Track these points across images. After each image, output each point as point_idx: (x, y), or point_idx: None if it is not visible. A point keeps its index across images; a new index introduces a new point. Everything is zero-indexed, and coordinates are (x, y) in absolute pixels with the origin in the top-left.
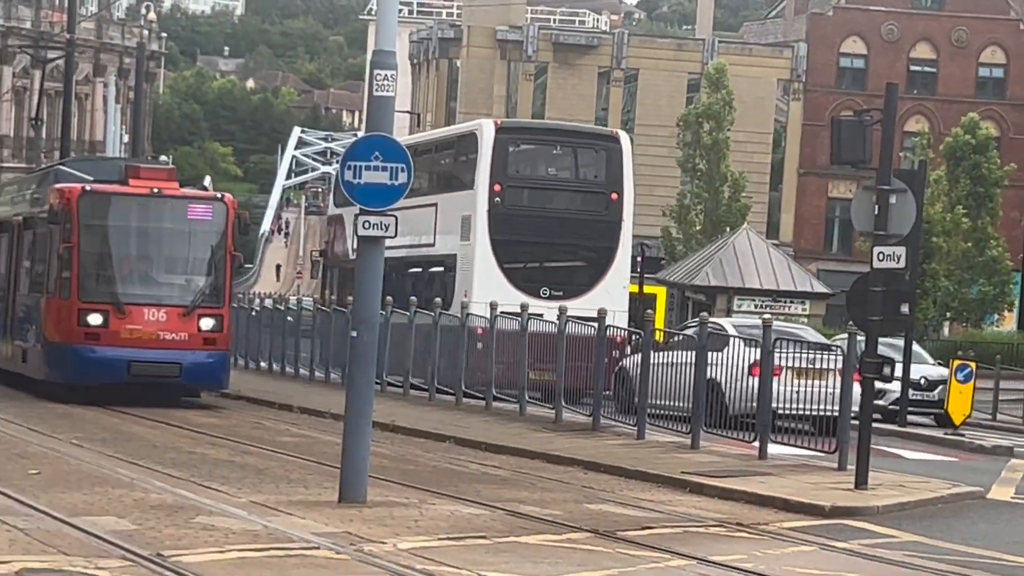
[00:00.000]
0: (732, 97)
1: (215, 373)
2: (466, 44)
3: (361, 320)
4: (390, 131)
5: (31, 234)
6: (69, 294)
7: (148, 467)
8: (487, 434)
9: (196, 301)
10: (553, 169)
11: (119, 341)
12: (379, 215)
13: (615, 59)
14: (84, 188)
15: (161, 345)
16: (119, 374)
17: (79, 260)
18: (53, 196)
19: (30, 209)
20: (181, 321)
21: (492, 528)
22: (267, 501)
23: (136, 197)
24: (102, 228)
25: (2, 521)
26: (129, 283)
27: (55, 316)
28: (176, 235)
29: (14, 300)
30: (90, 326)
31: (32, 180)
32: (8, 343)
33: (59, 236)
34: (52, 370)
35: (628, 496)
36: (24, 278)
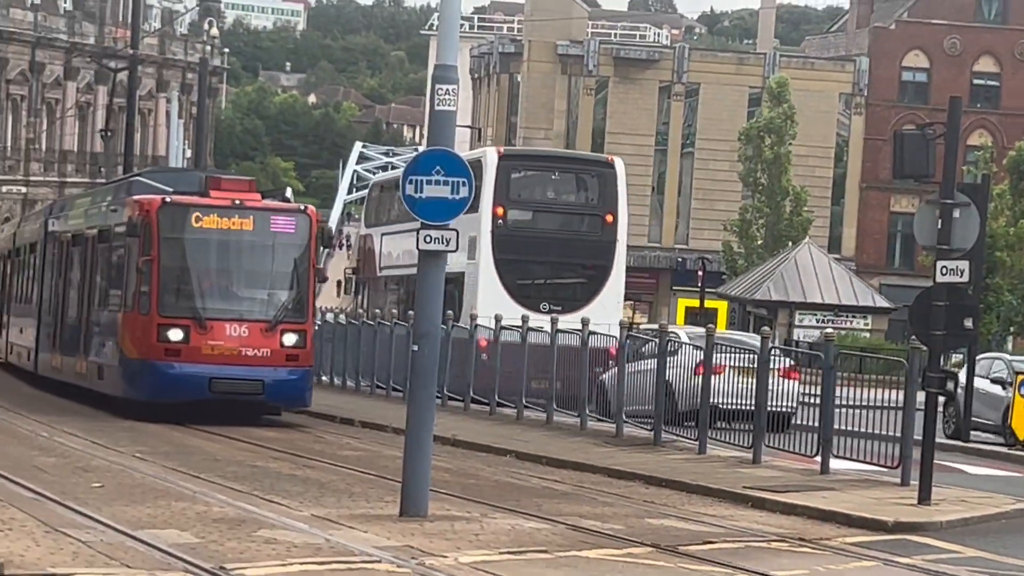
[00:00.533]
0: (794, 111)
1: (298, 390)
2: (527, 59)
3: (422, 334)
4: (451, 145)
5: (106, 247)
6: (148, 309)
7: (210, 480)
8: (548, 448)
9: (279, 316)
10: (552, 193)
11: (200, 357)
12: (440, 229)
13: (676, 73)
14: (164, 199)
15: (243, 361)
16: (200, 391)
17: (159, 274)
18: (132, 208)
19: (105, 222)
20: (263, 337)
21: (553, 542)
22: (329, 515)
23: (217, 208)
24: (182, 241)
25: (65, 534)
26: (210, 297)
27: (134, 331)
28: (258, 248)
29: (88, 315)
30: (170, 342)
31: (107, 192)
32: (82, 359)
33: (138, 249)
34: (130, 387)
35: (689, 511)
36: (99, 293)
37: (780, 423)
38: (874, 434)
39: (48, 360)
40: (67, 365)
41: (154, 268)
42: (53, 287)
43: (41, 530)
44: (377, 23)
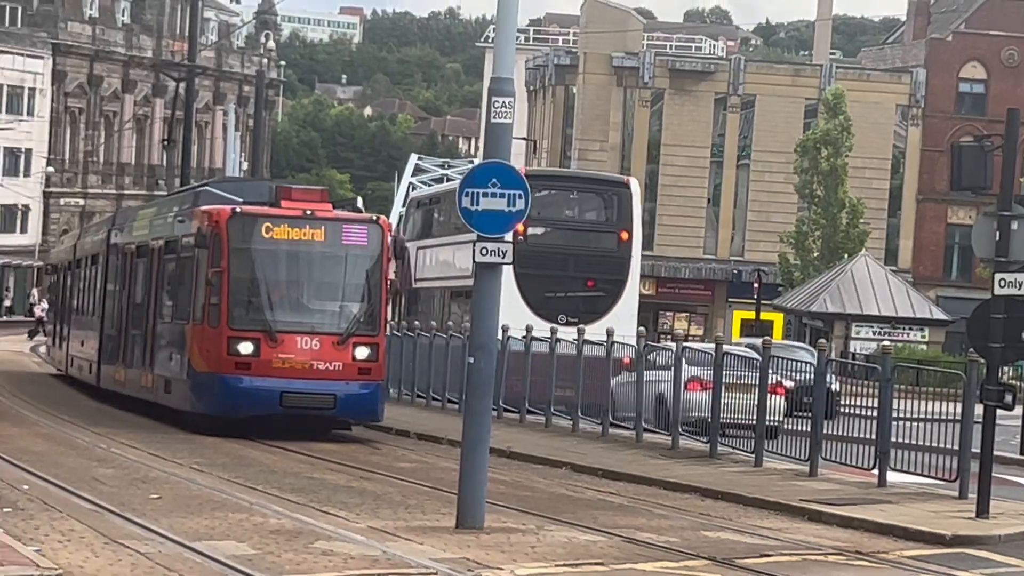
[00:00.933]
0: (850, 123)
1: (370, 405)
2: (582, 71)
3: (478, 347)
4: (507, 158)
5: (173, 258)
6: (218, 321)
7: (267, 492)
8: (604, 461)
9: (351, 329)
10: (570, 211)
11: (271, 371)
12: (496, 242)
13: (732, 85)
14: (234, 210)
15: (314, 375)
16: (271, 406)
17: (229, 286)
18: (200, 218)
19: (172, 232)
20: (335, 350)
21: (609, 555)
22: (385, 526)
23: (288, 219)
24: (253, 252)
25: (124, 545)
26: (281, 310)
27: (202, 344)
28: (330, 259)
29: (154, 328)
30: (240, 355)
31: (173, 202)
32: (148, 373)
33: (207, 261)
34: (199, 401)
35: (746, 524)
36: (166, 304)
37: (770, 434)
38: (932, 447)
39: (111, 373)
40: (132, 379)
41: (224, 280)
42: (116, 299)
43: (100, 541)
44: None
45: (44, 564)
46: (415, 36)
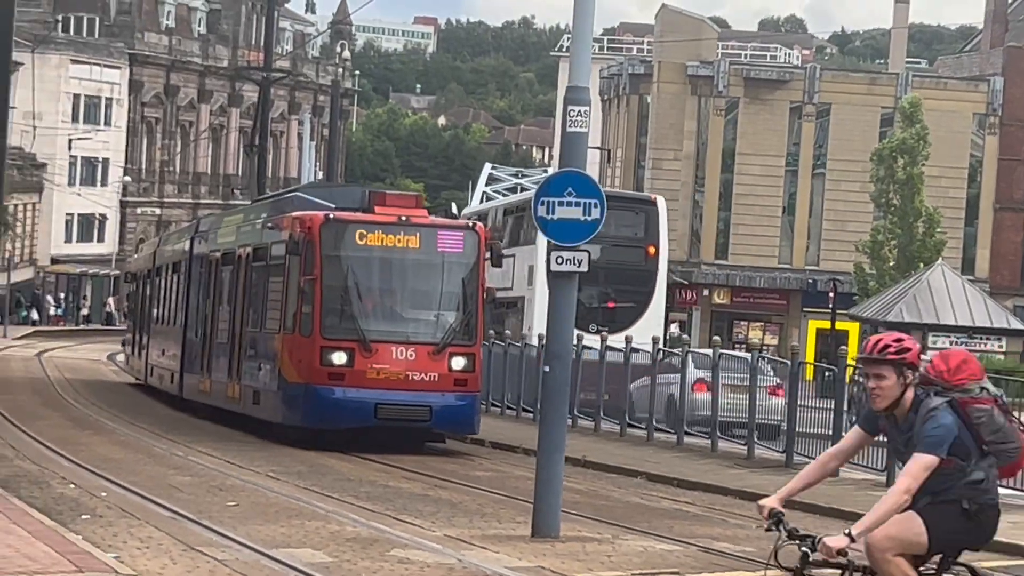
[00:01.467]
0: (927, 131)
1: (466, 417)
2: (656, 80)
3: (554, 356)
4: (583, 167)
5: (262, 266)
6: (310, 331)
7: (343, 500)
8: (679, 470)
9: (447, 339)
10: (602, 227)
11: (365, 382)
12: (572, 251)
13: (807, 94)
14: (327, 216)
15: (410, 386)
16: (365, 418)
17: (321, 294)
18: (292, 225)
19: (261, 239)
20: (431, 360)
21: (685, 564)
22: (461, 535)
23: (383, 225)
24: (346, 259)
25: (201, 552)
26: (375, 319)
27: (294, 354)
28: (425, 267)
29: (241, 337)
30: (334, 365)
31: (262, 209)
32: (235, 383)
33: (299, 268)
34: (290, 413)
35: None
36: (254, 313)
37: (772, 433)
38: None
39: (195, 384)
40: (217, 389)
41: (316, 288)
42: (200, 308)
43: (178, 548)
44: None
45: (123, 571)
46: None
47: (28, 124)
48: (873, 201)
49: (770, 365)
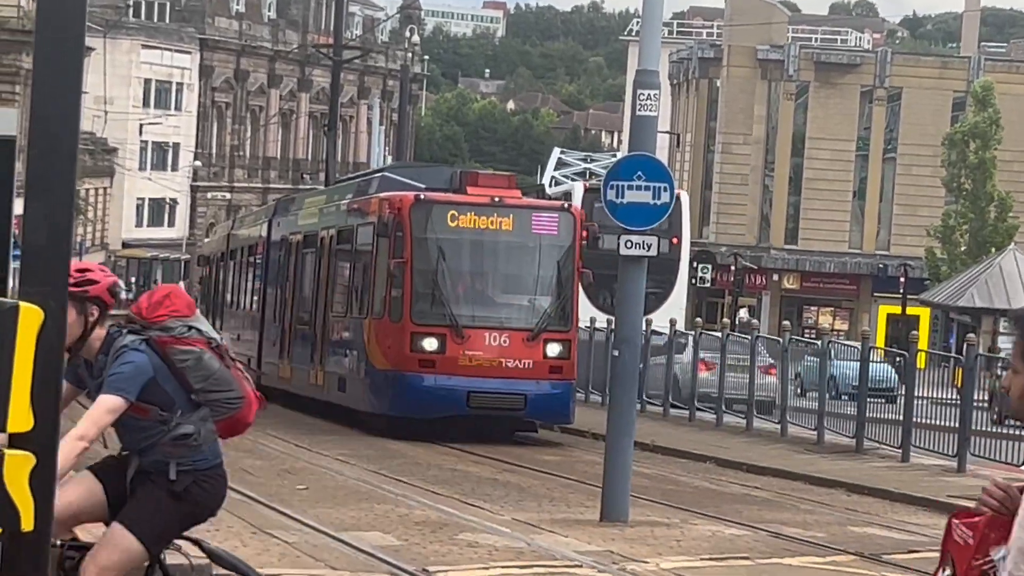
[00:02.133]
0: (999, 115)
1: (561, 405)
2: (726, 64)
3: (623, 340)
4: (652, 150)
5: (347, 248)
6: (400, 316)
7: (412, 484)
8: (747, 455)
9: (542, 324)
10: None
11: (457, 369)
12: (641, 234)
13: (878, 77)
14: (418, 196)
15: (503, 374)
16: (457, 406)
17: (412, 277)
18: (381, 206)
19: (347, 221)
20: (525, 347)
21: (755, 549)
22: (529, 519)
23: (475, 206)
24: (438, 241)
25: (271, 535)
26: (467, 303)
27: (383, 341)
28: (519, 249)
29: (325, 322)
30: (425, 352)
31: (347, 189)
32: (318, 370)
33: (388, 251)
34: (379, 401)
35: (893, 519)
36: (339, 298)
37: (768, 408)
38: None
39: (274, 370)
40: (298, 376)
41: (406, 271)
42: (278, 292)
43: (248, 531)
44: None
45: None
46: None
47: (99, 109)
48: (944, 186)
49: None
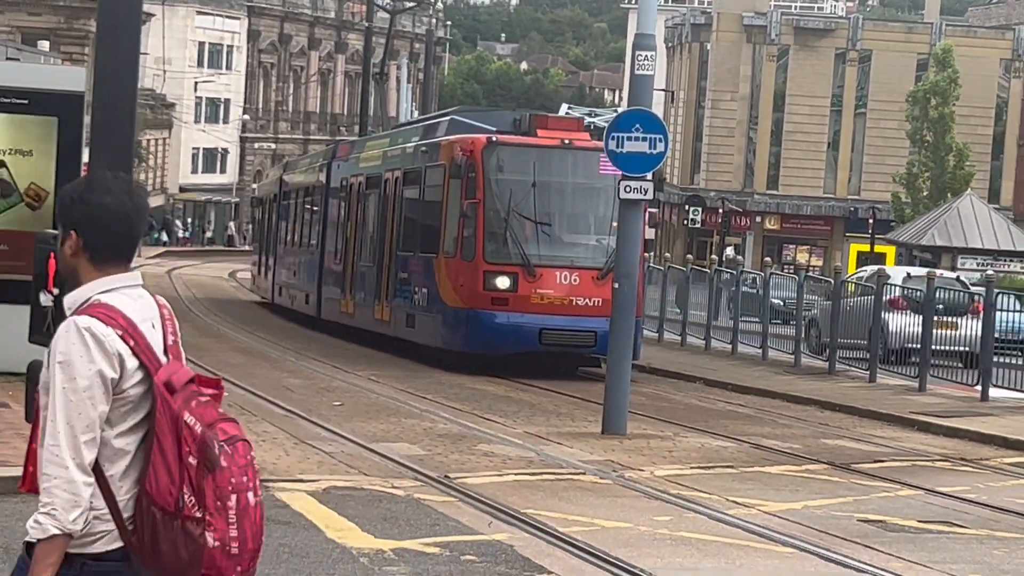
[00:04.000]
0: (957, 75)
1: None
2: (716, 29)
3: (623, 274)
4: (649, 106)
5: (415, 189)
6: (473, 255)
7: (435, 400)
8: (733, 376)
9: (610, 263)
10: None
11: (528, 307)
12: (639, 180)
13: (850, 41)
14: (490, 139)
15: (573, 311)
16: (529, 343)
17: (484, 217)
18: (452, 148)
19: (414, 163)
20: (595, 285)
21: (738, 459)
22: (539, 432)
23: (546, 149)
24: (510, 182)
25: (311, 446)
26: (538, 243)
27: (455, 279)
28: (588, 191)
29: (390, 261)
30: (497, 290)
31: (411, 133)
32: (384, 306)
33: (460, 191)
34: (451, 338)
35: (861, 433)
36: (406, 237)
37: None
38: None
39: (336, 305)
40: (361, 311)
41: (479, 212)
42: (339, 231)
43: (291, 442)
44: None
45: None
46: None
47: (159, 68)
48: (909, 138)
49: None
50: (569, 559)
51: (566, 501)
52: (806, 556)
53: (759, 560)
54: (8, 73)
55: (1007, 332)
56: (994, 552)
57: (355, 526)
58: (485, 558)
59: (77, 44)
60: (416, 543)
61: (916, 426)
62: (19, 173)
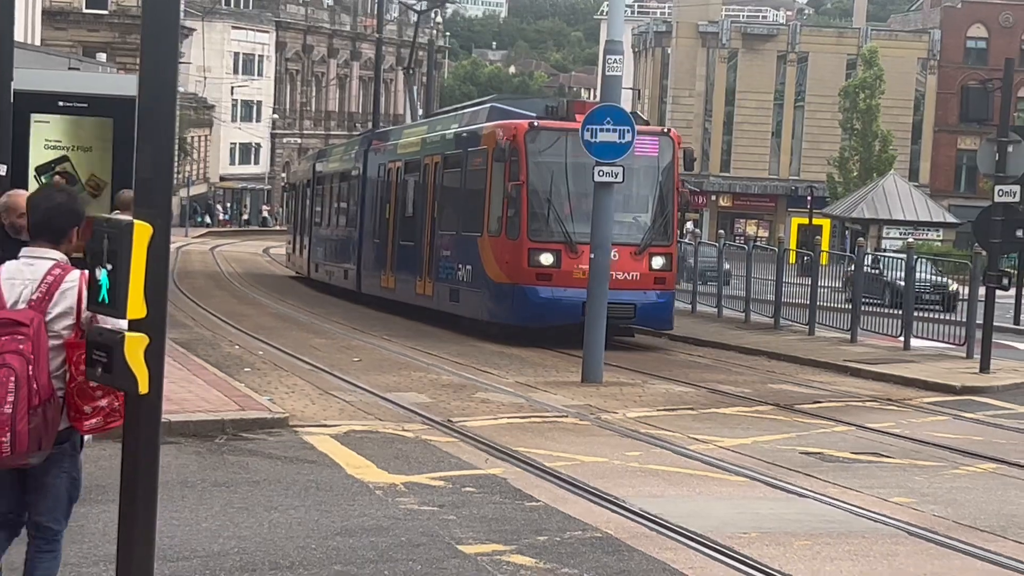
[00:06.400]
0: (882, 72)
1: (666, 314)
2: (675, 36)
3: (597, 245)
4: (618, 102)
5: (456, 172)
6: (517, 233)
7: (439, 356)
8: (693, 331)
9: (647, 240)
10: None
11: (571, 282)
12: (611, 165)
13: (790, 45)
14: (531, 123)
15: (615, 285)
16: (573, 316)
17: (528, 198)
18: (496, 132)
19: (455, 147)
20: (633, 260)
21: (697, 402)
22: (528, 381)
23: None
24: (551, 165)
25: (333, 396)
26: (580, 222)
27: (501, 256)
28: (625, 171)
29: (431, 239)
30: (541, 266)
31: (450, 121)
32: (427, 282)
33: (503, 173)
34: (498, 310)
35: (802, 378)
36: (448, 217)
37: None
38: (946, 319)
39: (376, 280)
40: (403, 286)
41: (523, 193)
42: (378, 211)
43: (316, 392)
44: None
45: (275, 409)
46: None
47: (200, 75)
48: (840, 126)
49: None
50: (554, 489)
51: (551, 440)
52: (755, 484)
53: (716, 488)
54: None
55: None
56: (915, 478)
57: (371, 464)
58: (483, 489)
59: (130, 55)
60: (423, 477)
61: (849, 372)
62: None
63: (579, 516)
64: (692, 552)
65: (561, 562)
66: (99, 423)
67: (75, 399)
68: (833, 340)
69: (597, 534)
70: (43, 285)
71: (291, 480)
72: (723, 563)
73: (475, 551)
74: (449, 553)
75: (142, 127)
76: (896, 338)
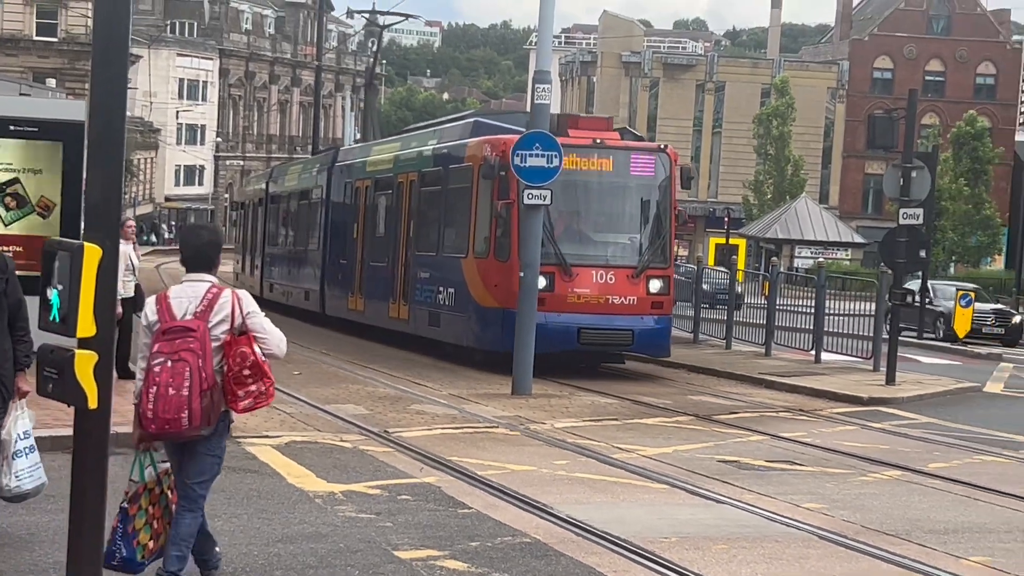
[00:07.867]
0: (793, 101)
1: (663, 339)
2: (600, 65)
3: (527, 264)
4: (546, 129)
5: (436, 190)
6: (507, 255)
7: (377, 369)
8: None
9: (644, 262)
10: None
11: (565, 306)
12: (539, 189)
13: (708, 74)
14: (520, 139)
15: (610, 310)
16: (568, 343)
17: (519, 217)
18: (482, 148)
19: (434, 164)
20: (630, 284)
21: (622, 413)
22: (460, 393)
23: (577, 148)
24: None
25: (275, 408)
26: (574, 243)
27: (489, 279)
28: (620, 189)
29: (406, 260)
30: None
31: (426, 137)
32: (400, 304)
33: (492, 191)
34: (485, 337)
35: (720, 390)
36: (426, 237)
37: None
38: (853, 334)
39: (343, 302)
40: (374, 309)
41: (513, 212)
42: (343, 231)
43: None
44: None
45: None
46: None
47: (147, 100)
48: (755, 152)
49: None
50: (486, 497)
51: (483, 450)
52: (676, 491)
53: (639, 494)
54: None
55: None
56: (826, 485)
57: (311, 473)
58: (418, 497)
59: (79, 81)
60: (361, 486)
61: (764, 384)
62: (31, 188)
63: (509, 522)
64: (616, 556)
65: (492, 567)
66: (250, 404)
67: (231, 385)
68: (748, 354)
69: (526, 539)
70: (204, 301)
71: (234, 489)
72: (645, 567)
73: (411, 556)
74: (386, 559)
75: (92, 154)
76: (808, 352)
